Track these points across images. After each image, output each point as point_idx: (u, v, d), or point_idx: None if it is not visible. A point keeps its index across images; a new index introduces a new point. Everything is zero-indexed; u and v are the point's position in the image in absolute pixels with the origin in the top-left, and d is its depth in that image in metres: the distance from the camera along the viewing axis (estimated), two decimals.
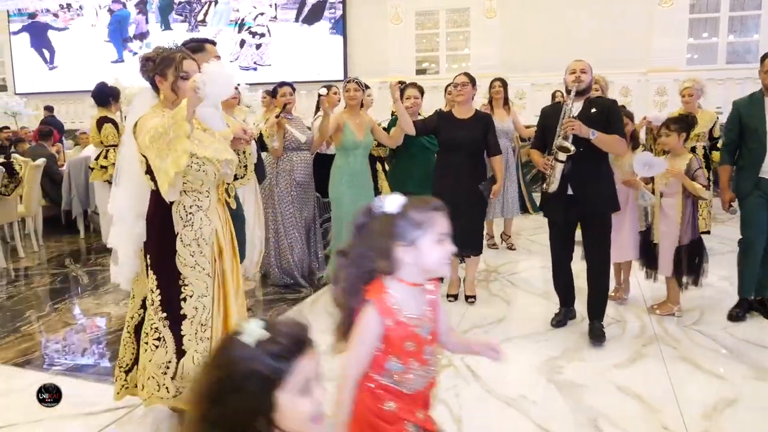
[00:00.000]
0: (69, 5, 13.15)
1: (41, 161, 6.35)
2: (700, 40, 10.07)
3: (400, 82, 6.06)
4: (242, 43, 11.96)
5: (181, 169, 2.26)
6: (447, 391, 2.99)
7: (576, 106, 3.53)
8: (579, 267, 3.86)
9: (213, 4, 12.16)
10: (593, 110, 3.52)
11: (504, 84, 5.95)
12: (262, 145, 4.55)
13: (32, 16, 13.16)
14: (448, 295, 4.37)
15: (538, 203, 7.08)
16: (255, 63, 11.94)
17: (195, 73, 2.46)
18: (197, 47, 3.19)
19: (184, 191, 2.42)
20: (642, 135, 6.05)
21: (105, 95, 5.71)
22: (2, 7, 11.92)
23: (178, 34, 12.00)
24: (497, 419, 2.76)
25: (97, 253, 6.12)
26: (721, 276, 4.68)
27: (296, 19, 11.64)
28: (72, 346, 3.76)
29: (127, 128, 2.51)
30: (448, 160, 4.22)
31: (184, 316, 2.44)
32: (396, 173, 4.85)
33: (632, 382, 3.07)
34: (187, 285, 2.44)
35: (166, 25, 12.47)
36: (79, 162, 6.93)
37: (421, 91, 4.89)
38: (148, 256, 2.49)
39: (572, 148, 3.40)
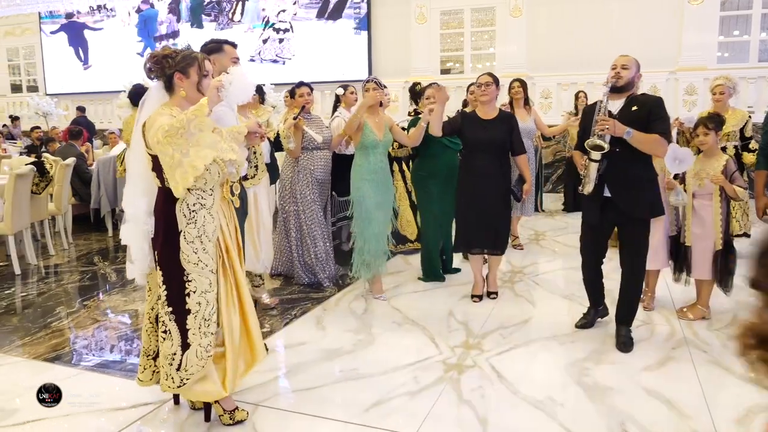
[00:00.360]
0: (100, 7, 13.41)
1: (71, 160, 6.46)
2: (731, 38, 9.87)
3: (416, 84, 6.06)
4: (266, 39, 12.11)
5: (208, 162, 2.36)
6: (472, 392, 2.97)
7: (617, 104, 3.39)
8: (610, 267, 3.80)
9: (242, 2, 12.33)
10: (634, 108, 3.34)
11: (523, 84, 5.91)
12: (279, 145, 4.55)
13: (69, 15, 13.45)
14: (473, 296, 4.35)
15: (545, 203, 7.00)
16: (277, 56, 12.09)
17: (212, 74, 2.56)
18: (216, 47, 3.27)
19: (188, 189, 2.46)
20: (673, 136, 5.94)
21: (141, 96, 5.77)
22: (33, 10, 12.15)
23: (208, 32, 12.24)
24: (523, 421, 2.73)
25: (124, 251, 6.19)
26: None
27: (319, 16, 11.73)
28: (100, 343, 3.81)
29: (138, 126, 2.56)
30: (473, 160, 4.19)
31: (189, 311, 2.51)
32: (419, 173, 4.84)
33: (662, 386, 3.01)
34: (190, 281, 2.50)
35: (197, 24, 12.65)
36: (108, 161, 7.04)
37: None
38: (155, 252, 2.57)
39: (606, 146, 3.27)
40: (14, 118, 12.98)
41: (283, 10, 12.01)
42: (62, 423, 2.79)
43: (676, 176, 3.85)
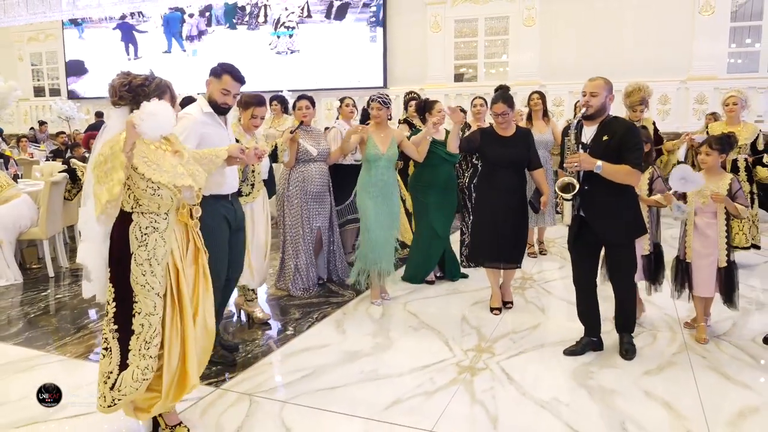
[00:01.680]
0: (133, 14, 14.00)
1: None
2: (743, 47, 10.00)
3: (409, 92, 6.27)
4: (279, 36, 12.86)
5: (114, 198, 2.40)
6: (484, 392, 3.20)
7: (590, 131, 3.42)
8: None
9: (264, 8, 12.81)
10: (605, 138, 3.34)
11: (542, 97, 6.12)
12: (274, 157, 4.69)
13: (123, 17, 14.14)
14: (492, 309, 4.45)
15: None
16: (289, 48, 12.76)
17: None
18: (216, 71, 3.39)
19: (141, 213, 2.54)
20: (682, 152, 6.07)
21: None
22: (59, 17, 12.54)
23: (239, 33, 13.18)
24: (531, 419, 2.95)
25: None
26: (752, 286, 4.76)
27: (326, 15, 12.22)
28: None
29: (95, 148, 2.60)
30: (494, 176, 4.28)
31: (133, 332, 2.56)
32: (419, 183, 5.05)
33: (660, 389, 3.22)
34: (137, 302, 2.55)
35: (231, 26, 13.35)
36: None
37: None
38: (109, 270, 2.62)
39: (576, 184, 3.34)
40: (41, 123, 13.36)
41: (292, 12, 12.62)
42: (110, 417, 3.01)
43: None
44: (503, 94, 4.25)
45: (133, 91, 2.56)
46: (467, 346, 3.84)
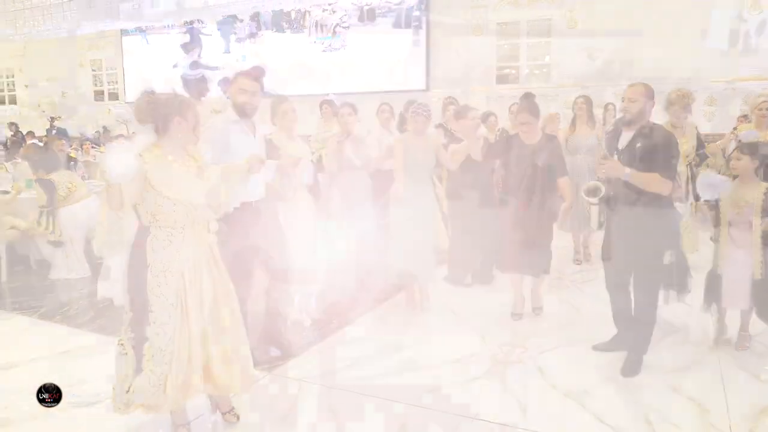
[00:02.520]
0: (194, 21, 14.77)
1: None
2: None
3: (454, 102, 6.41)
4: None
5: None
6: (515, 383, 3.42)
7: (627, 136, 3.41)
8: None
9: (306, 13, 13.28)
10: (638, 145, 3.30)
11: (588, 101, 6.00)
12: (320, 165, 4.85)
13: (190, 21, 14.91)
14: (513, 314, 4.50)
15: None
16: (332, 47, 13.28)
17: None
18: (233, 78, 3.61)
19: (159, 226, 2.66)
20: (731, 149, 6.08)
21: None
22: (121, 26, 13.26)
23: (286, 35, 13.85)
24: (558, 409, 3.16)
25: None
26: None
27: (364, 19, 12.62)
28: None
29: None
30: (517, 183, 4.32)
31: (146, 338, 2.65)
32: (454, 187, 5.23)
33: (687, 386, 3.37)
34: (152, 311, 2.64)
35: (278, 29, 13.97)
36: None
37: None
38: (128, 279, 2.72)
39: (603, 188, 3.41)
40: (105, 129, 14.11)
41: (343, 14, 13.05)
42: None
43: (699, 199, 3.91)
44: (527, 105, 4.29)
45: (158, 110, 2.66)
46: (502, 341, 4.05)
